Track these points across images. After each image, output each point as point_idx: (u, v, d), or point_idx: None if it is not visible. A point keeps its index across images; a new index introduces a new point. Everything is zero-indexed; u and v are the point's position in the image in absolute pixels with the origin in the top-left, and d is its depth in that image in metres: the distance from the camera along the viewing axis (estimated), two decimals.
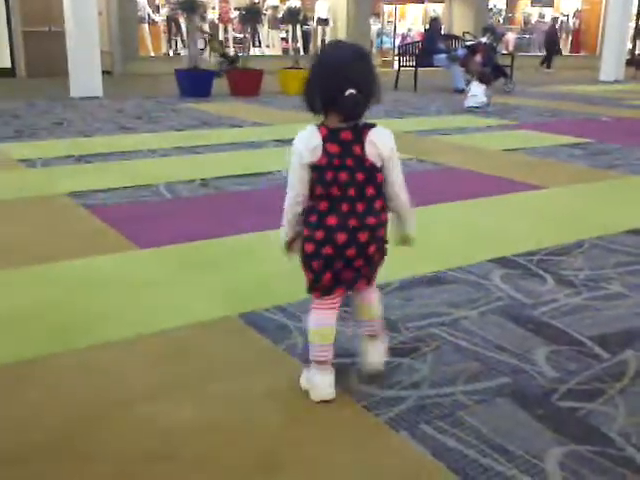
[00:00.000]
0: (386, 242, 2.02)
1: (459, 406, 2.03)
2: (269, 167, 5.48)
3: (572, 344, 2.46)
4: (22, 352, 2.33)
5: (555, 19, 20.65)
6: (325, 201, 1.90)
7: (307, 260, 1.98)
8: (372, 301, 2.12)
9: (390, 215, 2.02)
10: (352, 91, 1.80)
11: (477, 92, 9.68)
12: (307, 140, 1.88)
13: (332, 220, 1.90)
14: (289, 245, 2.04)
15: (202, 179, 5.07)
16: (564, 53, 23.10)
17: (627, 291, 2.98)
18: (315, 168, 1.88)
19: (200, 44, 15.56)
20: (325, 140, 1.87)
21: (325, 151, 1.86)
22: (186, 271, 3.16)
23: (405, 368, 2.26)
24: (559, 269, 3.25)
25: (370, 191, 1.91)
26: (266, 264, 3.24)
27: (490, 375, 2.22)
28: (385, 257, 2.05)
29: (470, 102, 9.68)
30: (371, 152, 1.88)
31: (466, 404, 2.04)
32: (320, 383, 2.03)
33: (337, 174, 1.87)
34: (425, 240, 3.70)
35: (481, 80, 10.05)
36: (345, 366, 2.22)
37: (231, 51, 15.68)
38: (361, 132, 1.88)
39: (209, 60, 13.13)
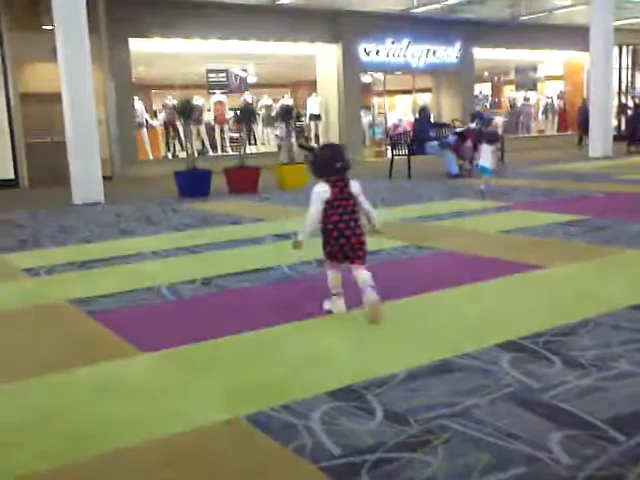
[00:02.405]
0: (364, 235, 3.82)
1: None
2: (269, 263, 5.53)
3: (586, 428, 2.41)
4: (31, 464, 2.29)
5: (585, 99, 21.22)
6: (335, 216, 3.73)
7: (329, 245, 3.79)
8: (361, 273, 3.76)
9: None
10: (340, 163, 3.77)
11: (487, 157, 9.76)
12: (324, 187, 3.76)
13: (341, 225, 3.73)
14: (298, 244, 3.84)
15: (204, 278, 5.10)
16: (551, 133, 23.71)
17: (637, 369, 2.94)
18: (328, 201, 3.74)
19: (198, 145, 16.03)
20: (331, 187, 3.75)
21: (333, 192, 3.74)
22: (190, 373, 3.14)
23: (416, 463, 2.20)
24: (566, 350, 3.22)
25: (355, 209, 3.80)
26: (271, 363, 3.22)
27: (505, 466, 2.16)
28: (366, 248, 3.82)
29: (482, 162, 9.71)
30: (353, 190, 3.79)
31: None
32: (339, 304, 3.95)
33: (340, 202, 3.75)
34: (428, 328, 3.70)
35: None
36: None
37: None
38: (347, 181, 3.80)
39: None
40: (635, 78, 23.74)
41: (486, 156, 9.70)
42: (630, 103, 23.16)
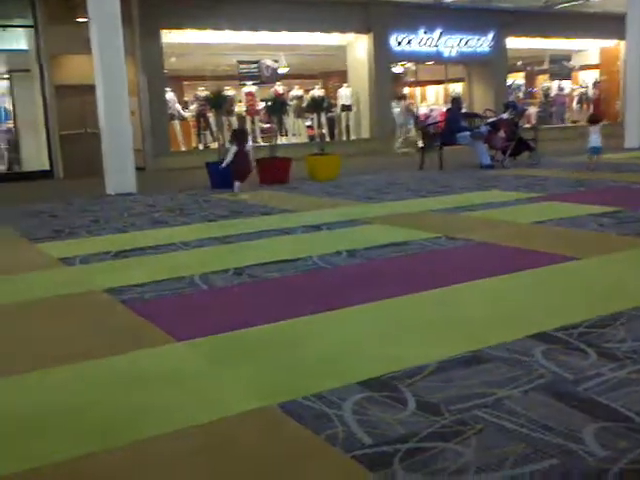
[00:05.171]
0: None
1: None
2: (299, 253, 5.54)
3: (620, 420, 2.38)
4: (69, 449, 2.34)
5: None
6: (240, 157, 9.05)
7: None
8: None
9: None
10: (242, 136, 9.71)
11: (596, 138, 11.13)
12: (234, 147, 9.18)
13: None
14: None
15: (236, 268, 5.14)
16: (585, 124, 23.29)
17: None
18: (238, 151, 9.12)
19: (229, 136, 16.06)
20: (238, 145, 7.77)
21: (239, 148, 7.65)
22: (224, 362, 3.17)
23: (450, 453, 2.20)
24: (601, 342, 3.18)
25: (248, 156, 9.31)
26: (302, 353, 3.24)
27: (538, 457, 2.15)
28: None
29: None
30: (247, 147, 7.81)
31: None
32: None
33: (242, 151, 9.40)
34: (461, 318, 3.69)
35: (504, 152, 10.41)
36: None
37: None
38: (245, 144, 9.20)
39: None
40: None
41: (595, 138, 11.14)
42: None
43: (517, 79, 24.08)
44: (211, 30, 16.58)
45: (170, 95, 17.50)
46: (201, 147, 18.47)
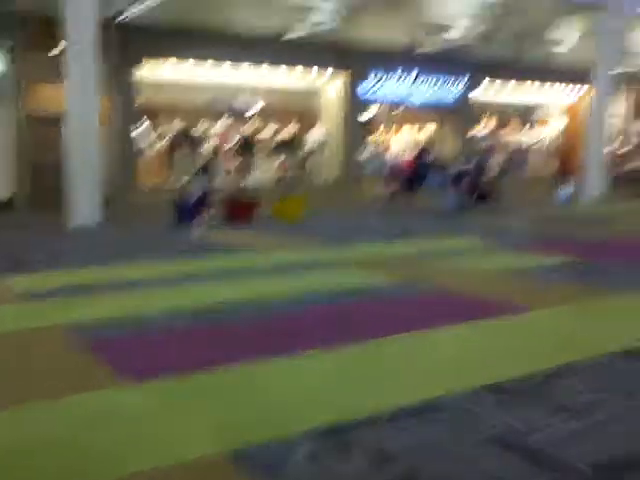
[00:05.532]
0: None
1: None
2: (262, 293, 5.55)
3: (571, 472, 2.42)
4: None
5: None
6: None
7: None
8: None
9: None
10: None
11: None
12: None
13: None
14: None
15: (195, 308, 5.11)
16: (549, 173, 23.85)
17: (622, 413, 2.96)
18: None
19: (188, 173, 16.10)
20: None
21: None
22: (178, 403, 3.15)
23: None
24: (553, 393, 3.23)
25: None
26: (254, 399, 3.23)
27: None
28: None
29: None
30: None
31: None
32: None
33: None
34: (415, 367, 3.71)
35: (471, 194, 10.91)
36: None
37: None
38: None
39: None
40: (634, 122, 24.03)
41: (565, 189, 12.25)
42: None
43: (484, 129, 24.65)
44: (188, 64, 16.73)
45: (144, 127, 17.50)
46: (170, 181, 18.43)
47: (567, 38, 18.49)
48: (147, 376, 3.50)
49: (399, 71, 19.38)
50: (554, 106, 24.31)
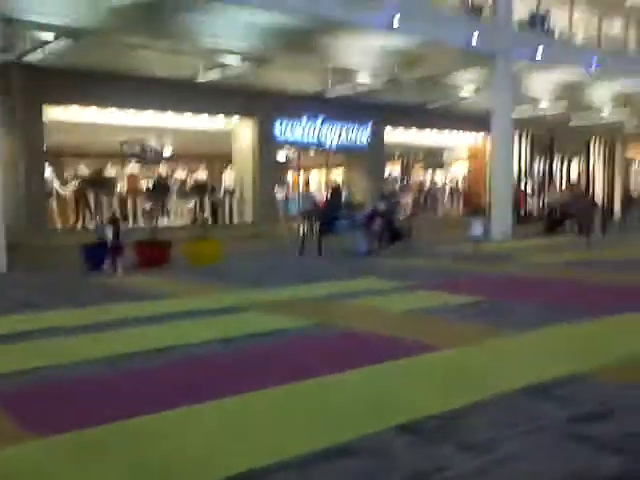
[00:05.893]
0: None
1: None
2: (170, 342, 5.48)
3: None
4: None
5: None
6: None
7: None
8: None
9: None
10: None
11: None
12: None
13: None
14: None
15: (106, 358, 5.00)
16: (456, 213, 24.77)
17: (524, 452, 3.11)
18: None
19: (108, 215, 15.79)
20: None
21: None
22: (85, 459, 3.07)
23: None
24: (459, 432, 3.35)
25: None
26: (163, 450, 3.20)
27: None
28: None
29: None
30: None
31: None
32: None
33: None
34: (326, 410, 3.76)
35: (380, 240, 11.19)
36: None
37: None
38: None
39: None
40: (533, 163, 25.36)
41: (476, 227, 12.62)
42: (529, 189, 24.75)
43: (394, 170, 25.42)
44: (95, 107, 16.49)
45: (48, 172, 17.05)
46: (79, 226, 17.97)
47: (467, 86, 19.51)
48: (55, 429, 3.40)
49: (304, 118, 19.75)
50: (460, 147, 25.38)
